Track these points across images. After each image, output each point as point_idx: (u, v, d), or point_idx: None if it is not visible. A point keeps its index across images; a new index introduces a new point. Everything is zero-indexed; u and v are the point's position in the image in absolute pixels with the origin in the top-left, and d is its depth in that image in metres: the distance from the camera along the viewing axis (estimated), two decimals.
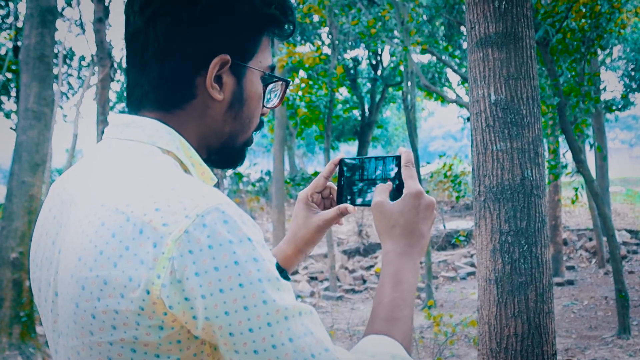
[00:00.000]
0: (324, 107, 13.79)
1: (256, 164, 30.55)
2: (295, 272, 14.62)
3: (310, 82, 13.52)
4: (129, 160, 1.10)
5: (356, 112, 31.66)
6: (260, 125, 1.29)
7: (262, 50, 1.22)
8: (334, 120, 31.02)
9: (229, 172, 28.98)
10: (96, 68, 9.53)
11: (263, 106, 1.27)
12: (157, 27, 1.13)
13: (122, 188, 1.05)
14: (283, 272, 1.49)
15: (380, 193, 1.35)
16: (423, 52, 12.71)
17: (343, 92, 30.01)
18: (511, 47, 3.42)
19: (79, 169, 1.18)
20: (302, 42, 20.50)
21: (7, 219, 8.02)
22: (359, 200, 1.44)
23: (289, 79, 1.33)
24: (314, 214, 1.49)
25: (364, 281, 14.22)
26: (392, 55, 21.95)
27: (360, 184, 1.44)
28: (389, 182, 1.38)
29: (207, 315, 0.97)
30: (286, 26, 1.24)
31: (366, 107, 31.07)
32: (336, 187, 1.49)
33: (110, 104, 9.54)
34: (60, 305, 1.08)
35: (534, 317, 3.39)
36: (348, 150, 47.97)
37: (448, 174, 12.33)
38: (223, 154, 1.24)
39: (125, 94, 1.29)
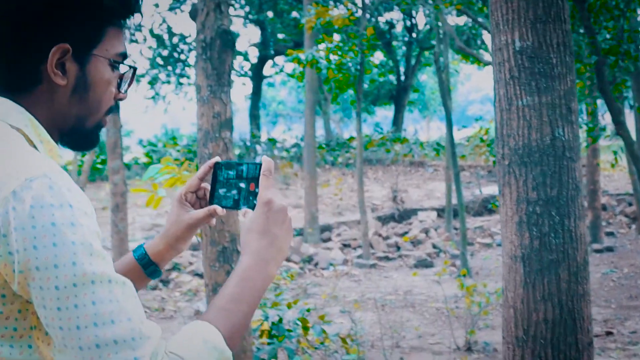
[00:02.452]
0: (354, 70, 13.32)
1: (291, 130, 30.17)
2: (328, 239, 14.28)
3: (340, 44, 13.08)
4: None
5: (392, 77, 31.17)
6: (112, 109, 1.38)
7: (108, 38, 1.31)
8: (369, 85, 30.66)
9: (263, 138, 28.71)
10: None
11: (119, 92, 1.37)
12: (2, 17, 1.23)
13: None
14: (152, 265, 1.57)
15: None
16: (458, 13, 12.22)
17: (379, 56, 29.58)
18: None
19: None
20: (335, 3, 19.95)
21: None
22: (228, 204, 1.51)
23: (134, 66, 1.38)
24: (185, 213, 1.57)
25: (398, 248, 13.78)
26: (426, 16, 21.33)
27: (231, 188, 1.51)
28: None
29: (21, 269, 1.07)
30: (130, 17, 1.34)
31: (402, 70, 30.56)
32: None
33: None
34: None
35: (567, 301, 2.93)
36: (385, 115, 47.30)
37: (484, 138, 11.86)
38: (73, 135, 1.34)
39: None
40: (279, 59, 32.03)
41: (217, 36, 4.30)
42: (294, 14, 27.18)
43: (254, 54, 32.97)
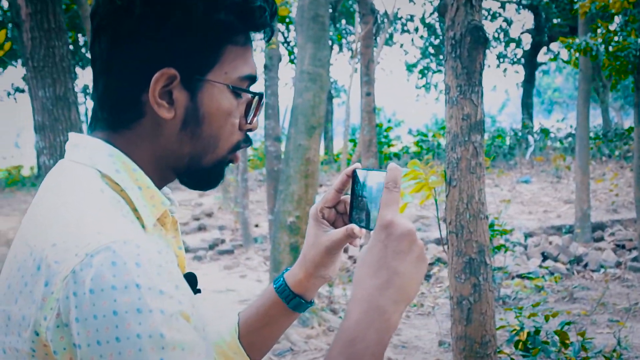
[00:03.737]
0: (632, 56, 12.29)
1: (565, 119, 28.80)
2: (600, 239, 13.36)
3: (617, 29, 12.13)
4: (61, 187, 1.04)
5: None
6: (239, 144, 1.16)
7: (228, 60, 1.09)
8: None
9: (536, 127, 27.68)
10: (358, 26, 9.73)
11: (246, 122, 1.15)
12: (101, 41, 1.07)
13: (39, 219, 1.00)
14: (294, 297, 1.35)
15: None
16: None
17: None
18: None
19: (38, 192, 1.12)
20: None
21: (285, 182, 8.01)
22: (364, 222, 1.21)
23: (260, 92, 1.15)
24: (323, 233, 1.30)
25: None
26: None
27: (366, 202, 1.21)
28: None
29: None
30: (252, 32, 1.13)
31: None
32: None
33: (377, 62, 9.22)
34: None
35: None
36: None
37: None
38: (191, 176, 1.15)
39: None
40: (554, 45, 30.72)
41: (467, 32, 4.05)
42: None
43: (526, 41, 31.94)
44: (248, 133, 1.18)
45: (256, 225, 15.46)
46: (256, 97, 1.15)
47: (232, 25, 1.08)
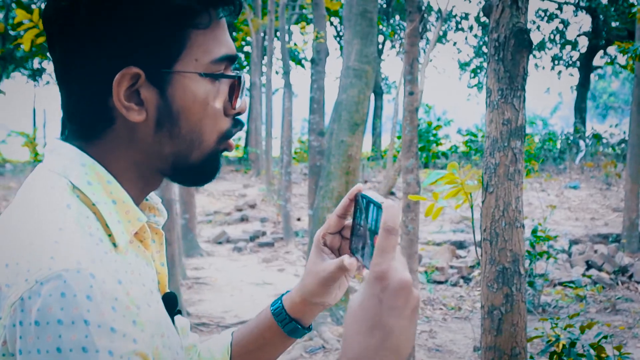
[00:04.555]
0: None
1: (618, 125, 28.22)
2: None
3: None
4: (26, 199, 0.97)
5: None
6: (230, 130, 1.05)
7: (195, 45, 0.99)
8: None
9: (588, 132, 27.17)
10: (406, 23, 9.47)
11: (231, 106, 1.05)
12: (55, 49, 1.00)
13: (3, 235, 0.93)
14: (291, 322, 1.26)
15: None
16: None
17: None
18: None
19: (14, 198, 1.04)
20: None
21: (325, 178, 7.96)
22: (358, 254, 1.09)
23: (238, 74, 1.04)
24: (321, 262, 1.20)
25: None
26: None
27: (361, 235, 1.07)
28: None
29: None
30: (216, 10, 1.01)
31: None
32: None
33: (421, 61, 9.05)
34: None
35: None
36: None
37: None
38: (180, 175, 1.07)
39: None
40: (611, 49, 30.15)
41: (511, 35, 3.94)
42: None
43: (583, 44, 31.39)
44: (238, 117, 1.09)
45: (298, 219, 15.44)
46: (235, 78, 1.05)
47: (190, 8, 0.98)
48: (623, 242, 12.71)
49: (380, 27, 28.48)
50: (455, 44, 32.67)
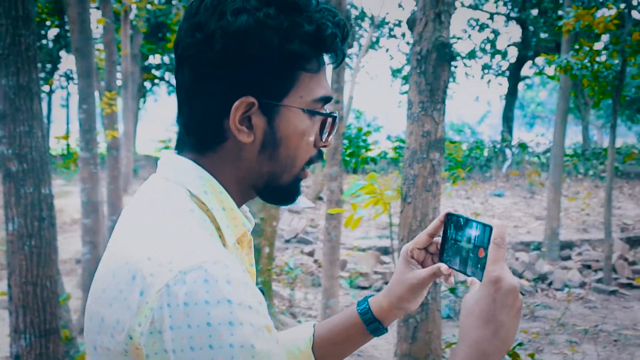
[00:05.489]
0: (612, 77, 12.31)
1: (544, 134, 28.89)
2: (568, 258, 13.39)
3: (599, 50, 12.14)
4: (154, 203, 1.14)
5: None
6: (312, 160, 1.24)
7: (302, 85, 1.16)
8: (636, 91, 28.57)
9: (515, 140, 27.74)
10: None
11: (321, 140, 1.23)
12: (184, 71, 1.16)
13: (134, 231, 1.10)
14: (374, 322, 1.46)
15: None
16: None
17: None
18: None
19: (130, 204, 1.21)
20: (598, 5, 18.71)
21: None
22: (455, 264, 1.33)
23: (333, 114, 1.23)
24: (410, 271, 1.42)
25: None
26: None
27: (459, 248, 1.32)
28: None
29: None
30: (325, 57, 1.20)
31: None
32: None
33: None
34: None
35: None
36: None
37: None
38: (270, 193, 1.24)
39: None
40: (539, 60, 30.85)
41: (434, 49, 4.01)
42: (560, 12, 25.99)
43: (512, 54, 32.05)
44: (322, 149, 1.27)
45: None
46: (330, 117, 1.22)
47: (305, 54, 1.15)
48: (544, 250, 13.03)
49: None
50: (387, 50, 32.90)
